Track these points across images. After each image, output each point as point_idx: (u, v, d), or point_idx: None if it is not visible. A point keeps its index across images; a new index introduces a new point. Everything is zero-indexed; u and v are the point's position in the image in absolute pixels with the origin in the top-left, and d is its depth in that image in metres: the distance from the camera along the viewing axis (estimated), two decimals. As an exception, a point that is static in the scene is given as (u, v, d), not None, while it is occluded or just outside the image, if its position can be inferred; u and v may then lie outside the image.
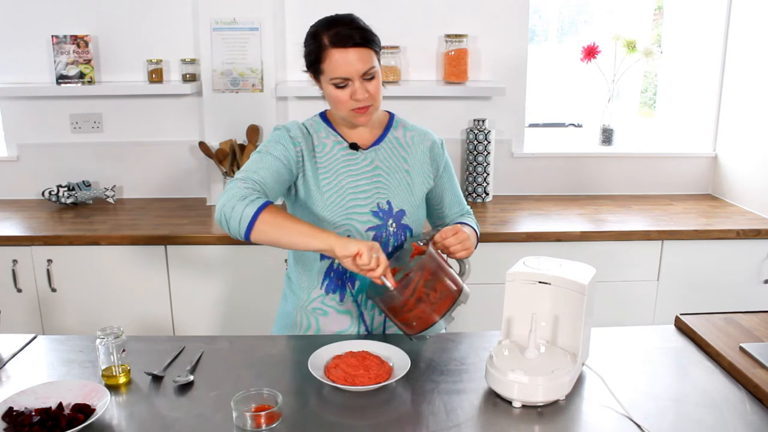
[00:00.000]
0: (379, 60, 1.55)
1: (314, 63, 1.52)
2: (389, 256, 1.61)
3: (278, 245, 1.43)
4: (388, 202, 1.61)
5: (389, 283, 1.38)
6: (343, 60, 1.47)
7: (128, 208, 2.90)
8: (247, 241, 1.42)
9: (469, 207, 1.81)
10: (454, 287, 1.45)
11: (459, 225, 1.59)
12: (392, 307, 1.43)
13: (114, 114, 3.00)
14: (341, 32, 1.47)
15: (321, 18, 1.54)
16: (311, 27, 1.54)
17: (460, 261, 1.61)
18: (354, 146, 1.61)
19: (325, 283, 1.63)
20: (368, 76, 1.50)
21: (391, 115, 1.70)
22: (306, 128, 1.62)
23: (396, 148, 1.65)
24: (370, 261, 1.35)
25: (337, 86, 1.50)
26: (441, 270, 1.44)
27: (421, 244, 1.54)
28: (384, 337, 1.61)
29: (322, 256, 1.61)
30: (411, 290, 1.39)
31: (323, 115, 1.66)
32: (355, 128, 1.62)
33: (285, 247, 1.44)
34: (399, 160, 1.64)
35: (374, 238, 1.60)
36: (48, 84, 2.90)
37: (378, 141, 1.64)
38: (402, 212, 1.63)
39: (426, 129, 1.72)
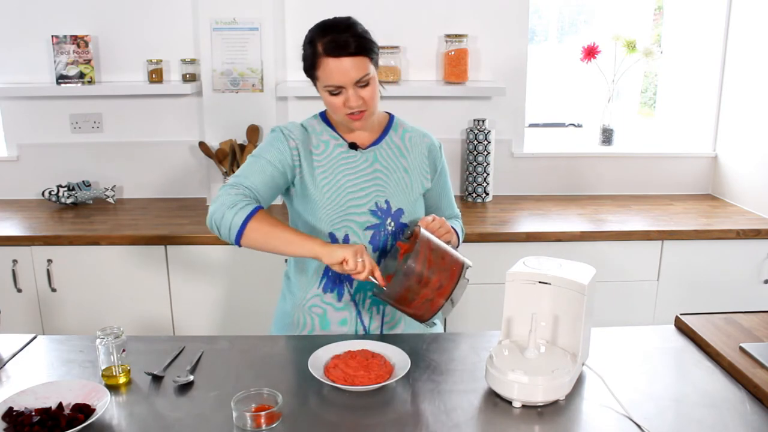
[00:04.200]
0: (375, 64, 1.53)
1: (310, 69, 1.53)
2: (385, 255, 1.62)
3: (268, 251, 1.48)
4: (387, 202, 1.62)
5: (378, 281, 1.42)
6: (336, 69, 1.47)
7: (128, 208, 2.90)
8: (238, 246, 1.47)
9: (458, 211, 1.82)
10: (459, 257, 1.45)
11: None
12: (399, 299, 1.41)
13: (114, 114, 3.00)
14: (336, 40, 1.47)
15: (319, 21, 1.52)
16: (309, 31, 1.53)
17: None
18: (353, 146, 1.61)
19: (323, 282, 1.64)
20: (362, 83, 1.50)
21: (391, 117, 1.70)
22: (305, 128, 1.62)
23: (394, 148, 1.65)
24: (356, 266, 1.40)
25: (331, 93, 1.51)
26: (439, 244, 1.44)
27: (406, 240, 1.54)
28: (382, 337, 1.61)
29: None
30: (416, 274, 1.38)
31: (323, 115, 1.67)
32: (353, 130, 1.62)
33: (275, 253, 1.48)
34: (397, 160, 1.65)
35: (372, 237, 1.61)
36: (48, 84, 2.90)
37: (377, 141, 1.64)
38: (400, 211, 1.63)
39: (425, 131, 1.72)
